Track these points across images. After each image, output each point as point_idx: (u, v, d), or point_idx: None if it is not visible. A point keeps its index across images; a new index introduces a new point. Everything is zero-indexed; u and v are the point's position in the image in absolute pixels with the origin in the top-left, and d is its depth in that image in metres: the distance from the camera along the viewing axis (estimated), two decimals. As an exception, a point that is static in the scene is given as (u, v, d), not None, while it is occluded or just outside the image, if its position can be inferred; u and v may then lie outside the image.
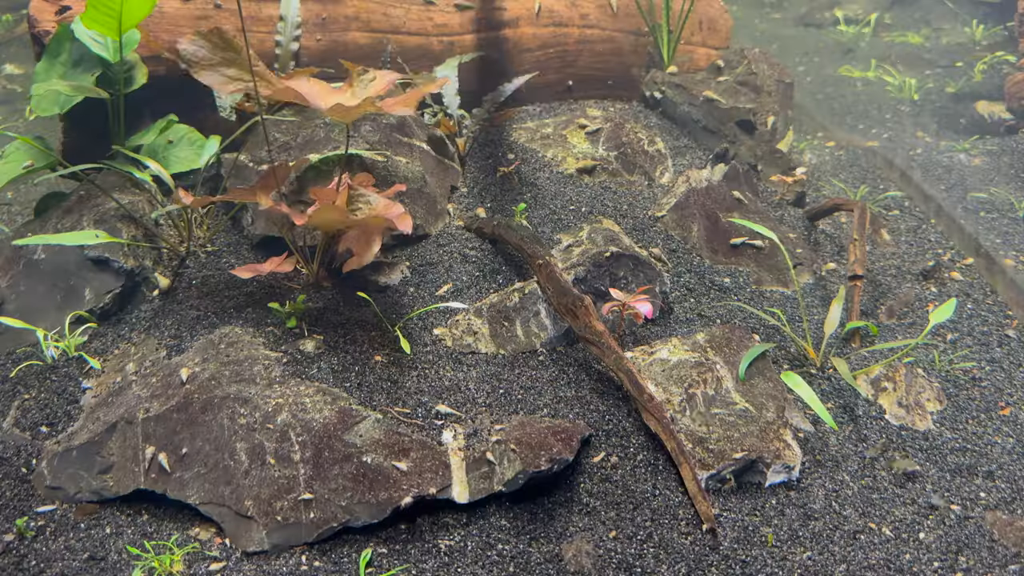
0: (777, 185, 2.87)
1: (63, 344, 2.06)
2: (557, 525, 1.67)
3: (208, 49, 1.90)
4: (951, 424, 1.98)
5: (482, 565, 1.59)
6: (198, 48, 1.89)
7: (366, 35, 2.80)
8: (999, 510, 1.75)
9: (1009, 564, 1.63)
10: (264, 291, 2.15)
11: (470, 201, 2.55)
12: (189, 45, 1.89)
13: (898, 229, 2.76)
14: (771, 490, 1.78)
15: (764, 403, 1.90)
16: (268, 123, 2.55)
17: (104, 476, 1.76)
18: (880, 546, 1.66)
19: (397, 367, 1.97)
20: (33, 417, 1.93)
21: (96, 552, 1.64)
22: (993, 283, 2.47)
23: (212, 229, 2.38)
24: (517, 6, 3.01)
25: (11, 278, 2.19)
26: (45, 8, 2.47)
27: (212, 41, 1.90)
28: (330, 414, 1.74)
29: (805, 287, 2.45)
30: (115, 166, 2.31)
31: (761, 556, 1.62)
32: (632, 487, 1.74)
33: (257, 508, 1.63)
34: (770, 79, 3.04)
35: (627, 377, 1.84)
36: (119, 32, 2.16)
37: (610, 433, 1.84)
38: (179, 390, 1.80)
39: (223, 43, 1.90)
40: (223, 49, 1.90)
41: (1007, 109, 3.41)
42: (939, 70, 3.94)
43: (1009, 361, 2.16)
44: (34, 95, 2.33)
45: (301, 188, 2.29)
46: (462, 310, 2.15)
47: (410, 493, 1.64)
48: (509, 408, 1.89)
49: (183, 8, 2.58)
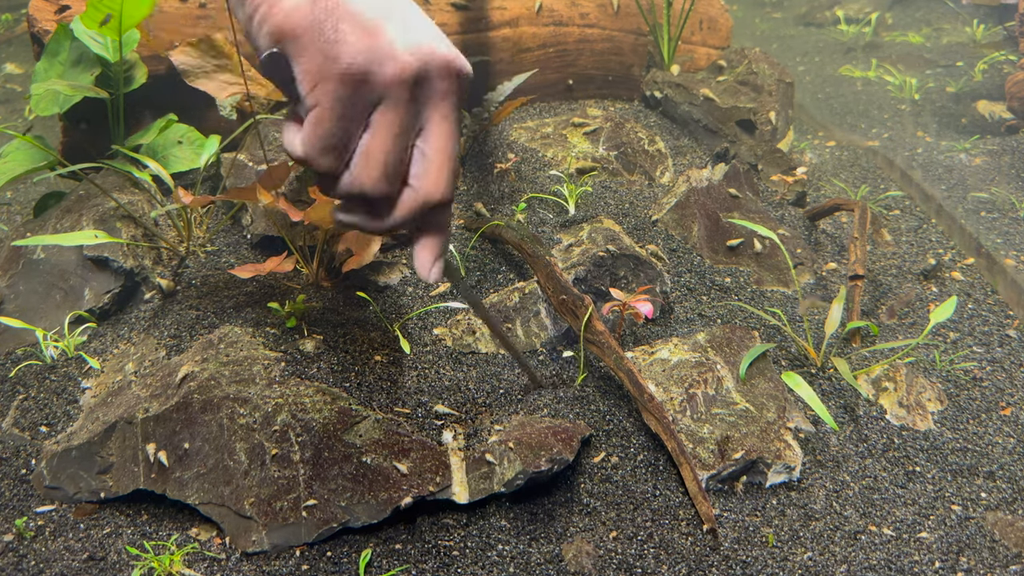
0: (778, 185, 2.87)
1: (62, 344, 2.05)
2: (557, 525, 1.67)
3: (200, 57, 1.93)
4: (952, 424, 1.97)
5: (482, 565, 1.59)
6: (189, 58, 1.93)
7: (366, 34, 2.80)
8: (1000, 510, 1.75)
9: (1010, 565, 1.63)
10: (264, 291, 2.15)
11: (470, 200, 2.55)
12: (181, 56, 1.92)
13: (899, 229, 2.75)
14: (772, 490, 1.77)
15: (765, 403, 1.90)
16: (268, 122, 2.54)
17: (103, 476, 1.76)
18: (881, 547, 1.66)
19: (397, 367, 1.96)
20: (32, 417, 1.93)
21: (96, 552, 1.64)
22: (994, 283, 2.46)
23: (212, 229, 2.37)
24: (517, 5, 3.00)
25: (10, 278, 2.19)
26: (44, 7, 2.46)
27: (202, 49, 1.92)
28: (330, 414, 1.74)
29: (806, 287, 2.44)
30: (114, 166, 2.31)
31: (762, 556, 1.62)
32: (632, 487, 1.74)
33: (257, 508, 1.63)
34: (771, 79, 3.04)
35: (627, 377, 1.83)
36: (119, 31, 2.16)
37: (610, 433, 1.84)
38: (178, 390, 1.80)
39: (213, 50, 1.92)
40: (214, 56, 1.93)
41: (1008, 109, 3.40)
42: (940, 70, 3.93)
43: (1010, 361, 2.16)
44: (33, 94, 2.32)
45: (301, 188, 2.29)
46: (462, 310, 2.14)
47: (410, 493, 1.64)
48: (509, 408, 1.88)
49: (183, 7, 2.57)
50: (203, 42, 1.91)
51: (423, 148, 0.74)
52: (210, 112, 2.64)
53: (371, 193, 0.73)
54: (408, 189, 0.75)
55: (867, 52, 4.20)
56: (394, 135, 0.72)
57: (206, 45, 1.91)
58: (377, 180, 0.72)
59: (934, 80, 3.80)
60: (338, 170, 0.73)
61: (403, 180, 0.75)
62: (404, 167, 0.74)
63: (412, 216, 0.76)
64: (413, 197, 0.75)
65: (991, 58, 3.80)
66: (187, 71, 1.90)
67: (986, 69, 3.75)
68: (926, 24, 4.54)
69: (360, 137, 0.72)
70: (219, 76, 1.91)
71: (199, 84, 1.92)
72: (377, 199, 0.74)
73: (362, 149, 0.72)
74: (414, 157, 0.74)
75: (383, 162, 0.72)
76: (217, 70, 1.90)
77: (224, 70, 1.91)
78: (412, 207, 0.75)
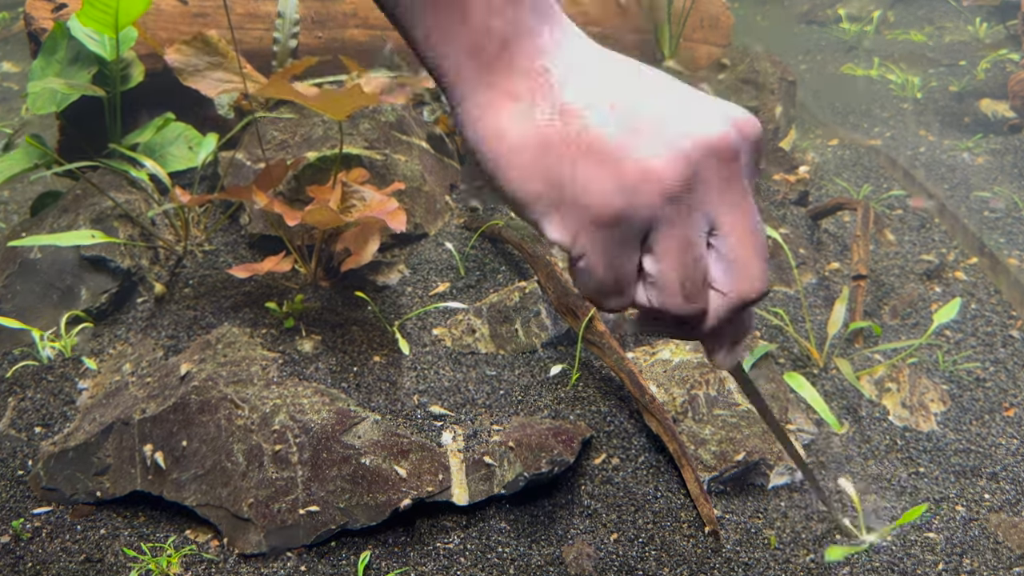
0: (780, 184, 2.85)
1: (59, 344, 2.04)
2: (558, 527, 1.66)
3: (193, 55, 1.91)
4: (955, 425, 1.96)
5: (482, 568, 1.57)
6: (184, 56, 1.91)
7: (365, 31, 2.79)
8: (1003, 512, 1.74)
9: (1014, 566, 1.62)
10: (262, 291, 2.13)
11: (470, 200, 2.54)
12: (175, 55, 1.91)
13: (901, 228, 2.74)
14: (774, 492, 1.76)
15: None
16: (266, 121, 2.53)
17: (100, 478, 1.74)
18: (884, 549, 1.64)
19: (396, 367, 1.95)
20: (29, 418, 1.91)
21: (93, 554, 1.63)
22: (997, 283, 2.45)
23: (210, 228, 2.36)
24: (517, 3, 2.99)
25: (7, 278, 2.17)
26: (41, 6, 2.45)
27: (197, 47, 1.91)
28: (328, 415, 1.72)
29: (808, 287, 2.43)
30: (111, 164, 2.30)
31: (764, 558, 1.60)
32: (634, 489, 1.72)
33: (255, 510, 1.61)
34: (772, 77, 3.02)
35: (628, 378, 1.82)
36: (115, 29, 2.14)
37: (611, 434, 1.82)
38: (176, 391, 1.79)
39: (208, 48, 1.91)
40: (208, 54, 1.92)
41: (1011, 107, 3.39)
42: (942, 68, 3.92)
43: (1013, 362, 2.14)
44: (30, 93, 2.31)
45: (299, 186, 2.27)
46: (462, 310, 2.13)
47: (409, 495, 1.62)
48: (509, 409, 1.87)
49: (180, 6, 2.56)
50: (197, 40, 1.90)
51: (720, 248, 0.64)
52: (208, 110, 2.62)
53: (682, 316, 0.65)
54: (716, 295, 0.65)
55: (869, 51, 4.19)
56: (681, 255, 0.62)
57: (200, 43, 1.90)
58: (680, 306, 0.64)
59: (937, 79, 3.79)
60: (628, 303, 0.65)
61: (706, 284, 0.66)
62: (703, 275, 0.64)
63: (727, 320, 0.66)
64: (726, 303, 0.65)
65: (994, 57, 3.78)
66: (181, 69, 1.88)
67: (989, 68, 3.74)
68: (928, 22, 4.53)
69: (641, 262, 0.63)
70: (213, 74, 1.90)
71: (192, 82, 1.91)
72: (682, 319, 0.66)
73: (653, 279, 0.63)
74: (712, 258, 0.64)
75: (679, 288, 0.63)
76: (211, 68, 1.89)
77: (218, 68, 1.90)
78: (727, 312, 0.66)
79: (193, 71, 1.89)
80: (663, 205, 0.60)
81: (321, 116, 2.52)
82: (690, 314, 0.65)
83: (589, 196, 0.59)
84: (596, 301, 0.65)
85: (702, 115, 0.61)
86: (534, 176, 0.60)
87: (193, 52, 1.89)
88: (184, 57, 1.89)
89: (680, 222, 0.61)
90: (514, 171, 0.61)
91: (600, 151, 0.59)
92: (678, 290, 0.63)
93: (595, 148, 0.59)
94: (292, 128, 2.49)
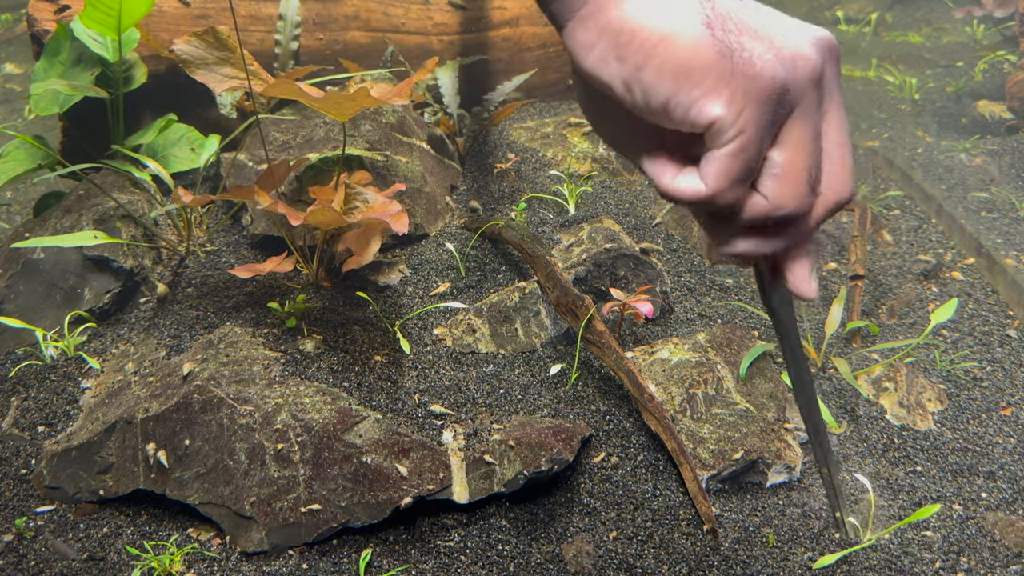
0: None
1: (62, 344, 2.05)
2: (557, 526, 1.67)
3: (203, 48, 1.92)
4: (952, 424, 1.97)
5: (482, 565, 1.58)
6: (193, 48, 1.91)
7: (366, 34, 2.80)
8: (1000, 510, 1.75)
9: (1011, 565, 1.63)
10: (264, 291, 2.15)
11: (470, 200, 2.55)
12: (184, 45, 1.91)
13: (899, 229, 2.75)
14: (772, 490, 1.77)
15: (765, 403, 1.89)
16: (268, 122, 2.54)
17: (103, 476, 1.75)
18: (882, 547, 1.66)
19: (397, 367, 1.96)
20: (32, 417, 1.93)
21: (95, 552, 1.64)
22: (994, 283, 2.46)
23: (212, 228, 2.37)
24: (517, 5, 3.00)
25: (10, 278, 2.19)
26: (44, 7, 2.46)
27: (207, 41, 1.91)
28: (330, 414, 1.74)
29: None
30: (114, 165, 2.31)
31: (762, 556, 1.62)
32: (633, 488, 1.73)
33: (257, 508, 1.63)
34: (771, 78, 3.04)
35: (627, 377, 1.83)
36: (118, 31, 2.16)
37: (611, 433, 1.83)
38: (178, 390, 1.80)
39: (218, 43, 1.91)
40: (217, 48, 1.92)
41: (1008, 109, 3.40)
42: (940, 69, 3.93)
43: (1010, 361, 2.16)
44: (33, 94, 2.32)
45: (301, 187, 2.28)
46: (462, 310, 2.14)
47: (410, 493, 1.63)
48: (509, 408, 1.88)
49: (182, 7, 2.57)
50: (208, 33, 1.90)
51: (825, 146, 0.68)
52: (210, 112, 2.64)
53: (795, 213, 0.66)
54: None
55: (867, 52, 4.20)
56: (811, 144, 0.65)
57: (211, 36, 1.90)
58: (804, 197, 0.66)
59: (934, 80, 3.80)
60: (741, 201, 0.66)
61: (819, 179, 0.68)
62: (820, 168, 0.67)
63: (820, 224, 0.69)
64: (822, 203, 0.68)
65: (991, 58, 3.80)
66: (188, 61, 1.87)
67: (986, 69, 3.75)
68: (926, 24, 4.54)
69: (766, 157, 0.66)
70: (220, 69, 1.90)
71: (199, 75, 1.91)
72: (791, 218, 0.68)
73: (778, 169, 0.65)
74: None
75: (807, 178, 0.66)
76: (219, 63, 1.89)
77: (226, 63, 1.90)
78: (824, 213, 0.68)
79: (201, 64, 1.89)
80: (810, 88, 0.65)
81: (323, 117, 2.54)
82: (803, 209, 0.67)
83: (759, 67, 0.63)
84: (720, 193, 0.66)
85: (810, 26, 0.68)
86: (707, 49, 0.63)
87: (203, 45, 1.89)
88: (193, 49, 1.88)
89: (814, 111, 0.66)
90: (684, 49, 0.63)
91: (755, 31, 0.65)
92: (804, 182, 0.66)
93: (751, 28, 0.65)
94: (294, 129, 2.51)
